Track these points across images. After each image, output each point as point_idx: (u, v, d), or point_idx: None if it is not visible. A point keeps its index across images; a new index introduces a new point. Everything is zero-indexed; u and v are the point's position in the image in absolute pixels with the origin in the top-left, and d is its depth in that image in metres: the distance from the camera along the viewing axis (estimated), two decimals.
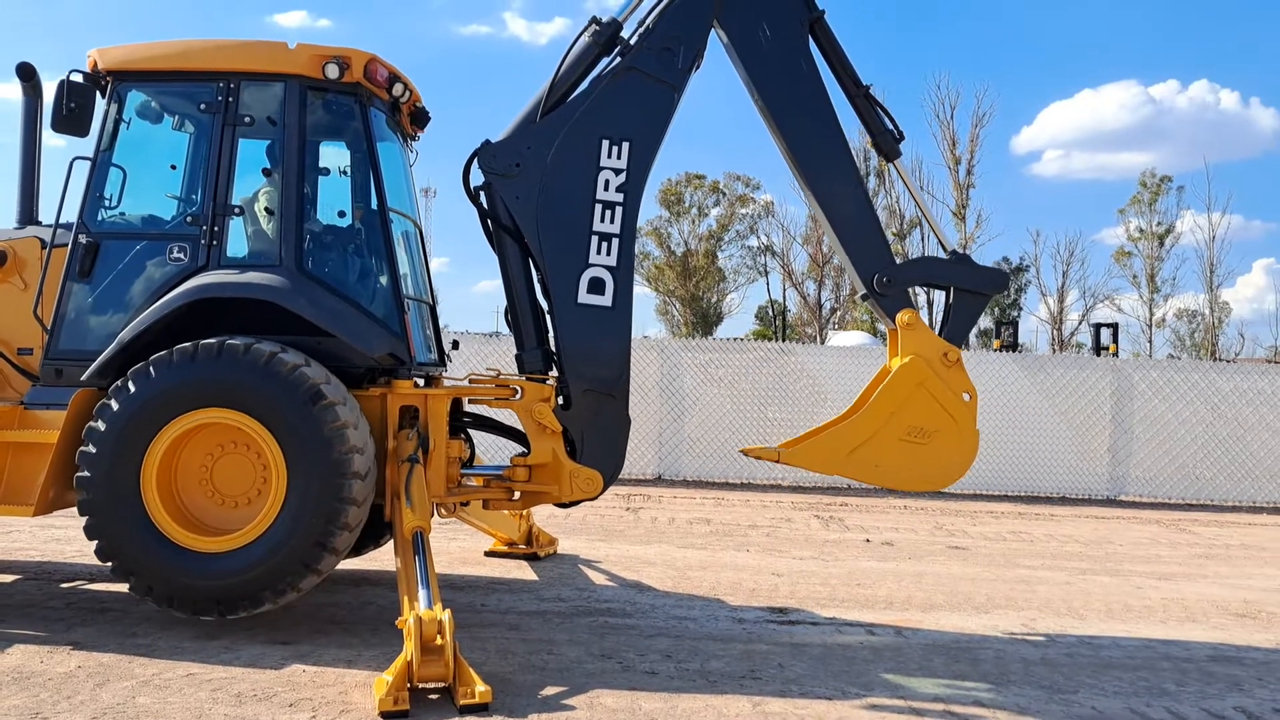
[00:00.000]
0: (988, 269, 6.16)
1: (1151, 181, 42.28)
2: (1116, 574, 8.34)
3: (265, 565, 5.05)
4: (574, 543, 8.60)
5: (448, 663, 4.36)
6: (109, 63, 5.70)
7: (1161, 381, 13.65)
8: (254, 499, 5.26)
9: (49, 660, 4.81)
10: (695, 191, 50.64)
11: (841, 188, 6.03)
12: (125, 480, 5.08)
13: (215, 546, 5.12)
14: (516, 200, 5.94)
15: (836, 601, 6.79)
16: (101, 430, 5.10)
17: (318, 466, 5.06)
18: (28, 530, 8.21)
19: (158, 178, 6.07)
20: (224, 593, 5.08)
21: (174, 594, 5.11)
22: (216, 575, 5.07)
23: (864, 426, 5.78)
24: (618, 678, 4.86)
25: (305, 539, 5.05)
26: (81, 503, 5.13)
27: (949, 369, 5.82)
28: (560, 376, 5.99)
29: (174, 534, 5.11)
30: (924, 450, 5.73)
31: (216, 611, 5.13)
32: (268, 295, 5.32)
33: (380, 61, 5.80)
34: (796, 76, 6.00)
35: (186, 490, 5.27)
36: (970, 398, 5.83)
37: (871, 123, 6.21)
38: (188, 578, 5.08)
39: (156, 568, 5.09)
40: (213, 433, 5.25)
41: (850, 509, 11.77)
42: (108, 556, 5.13)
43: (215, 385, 5.08)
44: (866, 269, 5.94)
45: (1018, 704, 4.76)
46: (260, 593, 5.08)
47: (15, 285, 5.93)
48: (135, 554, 5.10)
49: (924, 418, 5.74)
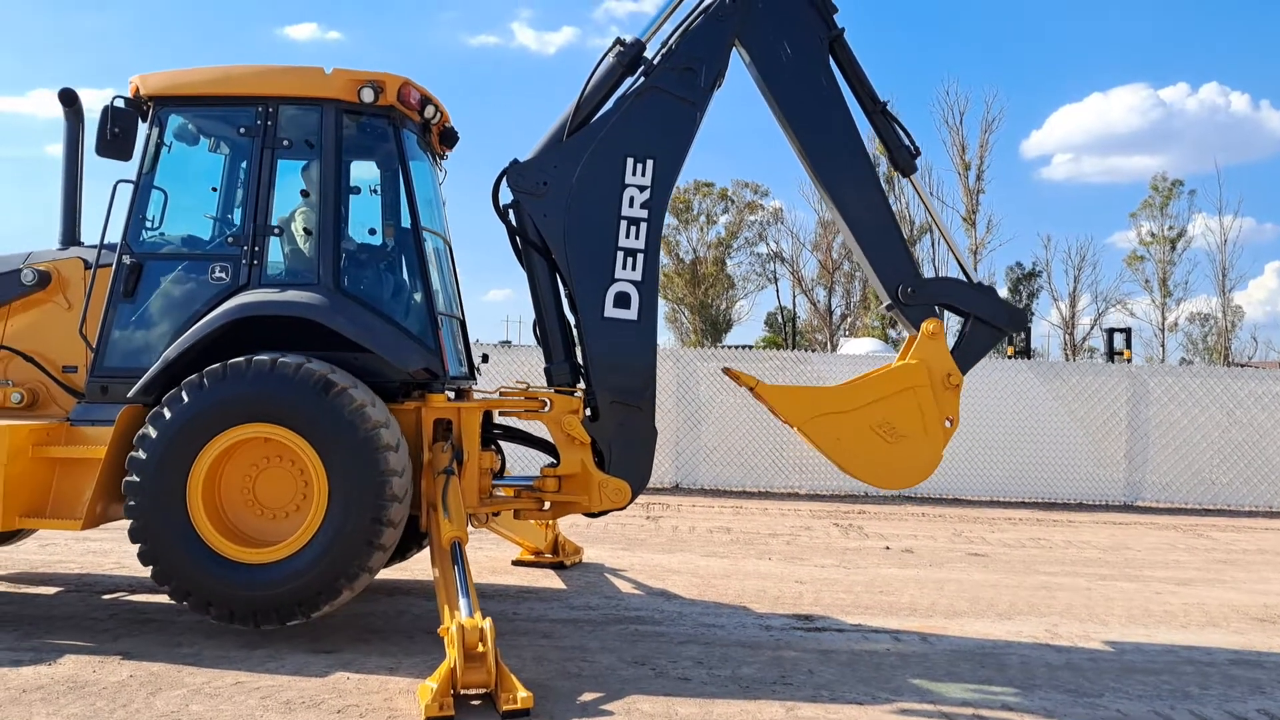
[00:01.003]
0: (1011, 306, 6.24)
1: (1163, 185, 42.24)
2: (1136, 579, 8.42)
3: (308, 575, 5.20)
4: (598, 551, 8.73)
5: (490, 669, 4.49)
6: (151, 88, 5.88)
7: (1177, 387, 13.71)
8: (294, 511, 5.41)
9: (101, 670, 4.96)
10: (704, 199, 50.79)
11: (864, 200, 6.16)
12: (172, 493, 5.24)
13: (259, 558, 5.27)
14: (544, 218, 6.09)
15: (860, 608, 6.89)
16: (149, 445, 5.26)
17: (358, 479, 5.21)
18: (64, 544, 8.39)
19: (197, 199, 6.25)
20: (269, 603, 5.23)
21: (219, 604, 5.26)
22: (261, 586, 5.22)
23: (844, 399, 5.87)
24: (652, 684, 4.98)
25: (347, 549, 5.20)
26: (129, 516, 5.29)
27: (946, 390, 5.91)
28: (588, 389, 6.13)
29: (219, 546, 5.26)
30: (887, 447, 5.81)
31: (261, 621, 5.28)
32: (308, 313, 5.48)
33: (413, 85, 5.98)
34: (818, 93, 6.13)
35: (230, 503, 5.43)
36: (952, 424, 5.90)
37: (888, 138, 6.33)
38: (233, 588, 5.23)
39: (202, 579, 5.24)
40: (254, 447, 5.40)
41: (868, 517, 11.87)
42: (154, 568, 5.29)
43: (261, 401, 5.24)
44: (891, 279, 6.06)
45: (1044, 708, 4.86)
46: (303, 602, 5.23)
47: (60, 305, 6.10)
48: (181, 565, 5.25)
49: (902, 419, 5.83)
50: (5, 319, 6.08)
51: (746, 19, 6.08)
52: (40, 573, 7.29)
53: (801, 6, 6.10)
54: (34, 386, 6.00)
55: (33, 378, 6.02)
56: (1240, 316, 41.90)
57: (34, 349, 6.04)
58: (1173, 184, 42.12)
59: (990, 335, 6.16)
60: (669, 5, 6.20)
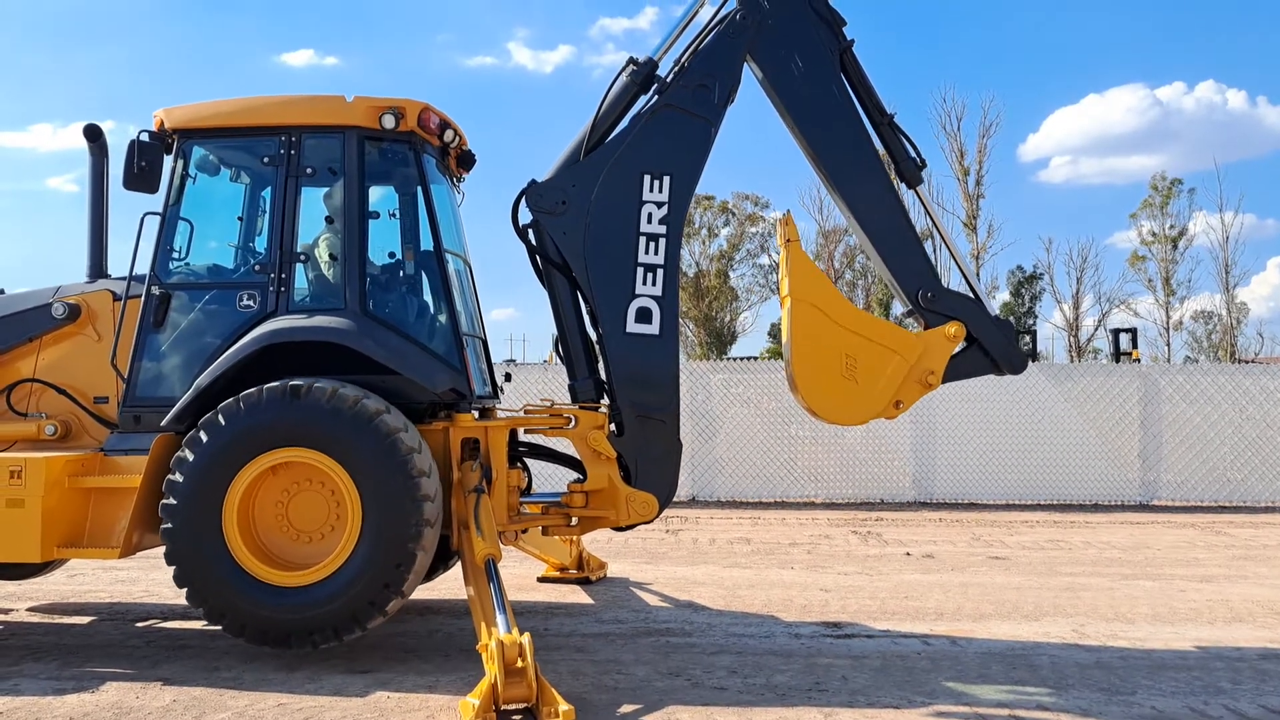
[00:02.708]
0: (1019, 350, 6.24)
1: (1162, 184, 42.32)
2: (1158, 578, 8.45)
3: (344, 597, 5.26)
4: (622, 566, 8.77)
5: (530, 684, 4.54)
6: (175, 121, 5.99)
7: (1189, 385, 13.76)
8: (328, 534, 5.47)
9: (144, 695, 5.02)
10: (705, 212, 50.97)
11: (882, 209, 6.23)
12: (208, 519, 5.31)
13: (295, 580, 5.33)
14: (564, 236, 6.18)
15: (888, 614, 6.93)
16: (184, 473, 5.34)
17: (391, 502, 5.28)
18: (92, 573, 8.45)
19: (222, 229, 6.35)
20: (305, 625, 5.29)
21: (257, 627, 5.33)
22: (297, 608, 5.28)
23: (845, 313, 5.92)
24: (689, 694, 5.03)
25: (381, 570, 5.26)
26: (167, 545, 5.35)
27: (918, 382, 5.98)
28: (612, 404, 6.21)
29: (255, 569, 5.33)
30: (835, 374, 5.87)
31: (299, 643, 5.34)
32: (337, 338, 5.57)
33: (433, 110, 6.08)
34: (831, 105, 6.22)
35: (264, 527, 5.49)
36: (899, 408, 5.98)
37: (895, 150, 6.40)
38: (270, 611, 5.30)
39: (240, 602, 5.31)
40: (287, 471, 5.47)
41: (886, 524, 11.90)
42: (192, 593, 5.35)
43: (295, 426, 5.32)
44: (912, 285, 6.14)
45: (1079, 706, 4.90)
46: (340, 624, 5.29)
47: (90, 337, 6.19)
48: (219, 590, 5.32)
49: (867, 368, 5.87)
50: (37, 352, 6.18)
51: (758, 34, 6.18)
52: (72, 602, 7.35)
53: (812, 21, 6.20)
54: (67, 418, 6.08)
55: (65, 409, 6.11)
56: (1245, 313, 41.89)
57: (66, 381, 6.13)
58: (1172, 183, 42.23)
59: (986, 367, 6.22)
60: (680, 24, 6.31)
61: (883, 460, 13.77)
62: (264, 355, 5.59)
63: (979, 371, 6.25)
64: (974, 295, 6.29)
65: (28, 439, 5.99)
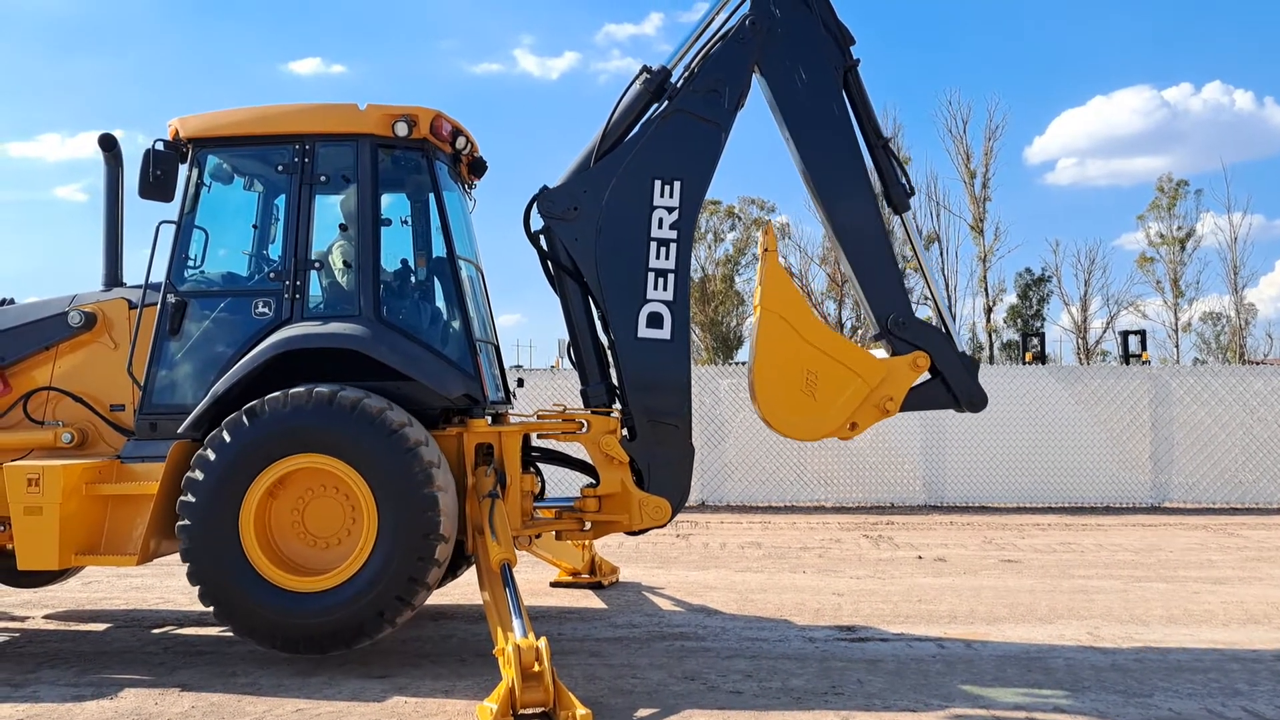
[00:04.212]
0: (980, 388, 6.22)
1: (1169, 186, 42.24)
2: (1171, 580, 8.42)
3: (360, 602, 5.28)
4: (633, 570, 8.78)
5: (547, 688, 4.55)
6: (190, 130, 6.04)
7: (1199, 387, 13.72)
8: (344, 539, 5.49)
9: (163, 701, 5.04)
10: (711, 217, 51.00)
11: (864, 228, 6.22)
12: (224, 525, 5.34)
13: (311, 586, 5.35)
14: (575, 242, 6.21)
15: (901, 618, 6.93)
16: (201, 479, 5.37)
17: (406, 506, 5.30)
18: (107, 580, 8.49)
19: (237, 237, 6.38)
20: (322, 630, 5.31)
21: (274, 633, 5.35)
22: (314, 614, 5.30)
23: (814, 330, 5.98)
24: (705, 698, 5.03)
25: (398, 575, 5.28)
26: (184, 550, 5.38)
27: (875, 406, 6.03)
28: (624, 409, 6.23)
29: (272, 575, 5.35)
30: (794, 389, 5.93)
31: (316, 648, 5.36)
32: (352, 344, 5.60)
33: (445, 117, 6.12)
34: (828, 120, 6.23)
35: (280, 533, 5.51)
36: (853, 429, 6.04)
37: (886, 174, 6.41)
38: (287, 617, 5.32)
39: (257, 608, 5.33)
40: (302, 477, 5.50)
41: (896, 527, 11.88)
42: (210, 600, 5.38)
43: (313, 432, 5.35)
44: (882, 309, 6.16)
45: (1096, 709, 4.90)
46: (357, 629, 5.31)
47: (105, 345, 6.23)
48: (236, 596, 5.34)
49: (827, 387, 5.93)
50: (53, 360, 6.21)
51: (767, 43, 6.21)
52: (87, 610, 7.39)
53: (820, 35, 6.22)
54: (83, 426, 6.11)
55: (82, 417, 6.14)
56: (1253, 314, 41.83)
57: (82, 389, 6.16)
58: (1179, 184, 42.16)
59: (947, 401, 6.23)
60: (694, 32, 6.33)
61: (893, 464, 13.76)
62: (279, 362, 5.62)
63: (938, 405, 6.27)
64: (944, 329, 6.29)
65: (45, 447, 6.03)
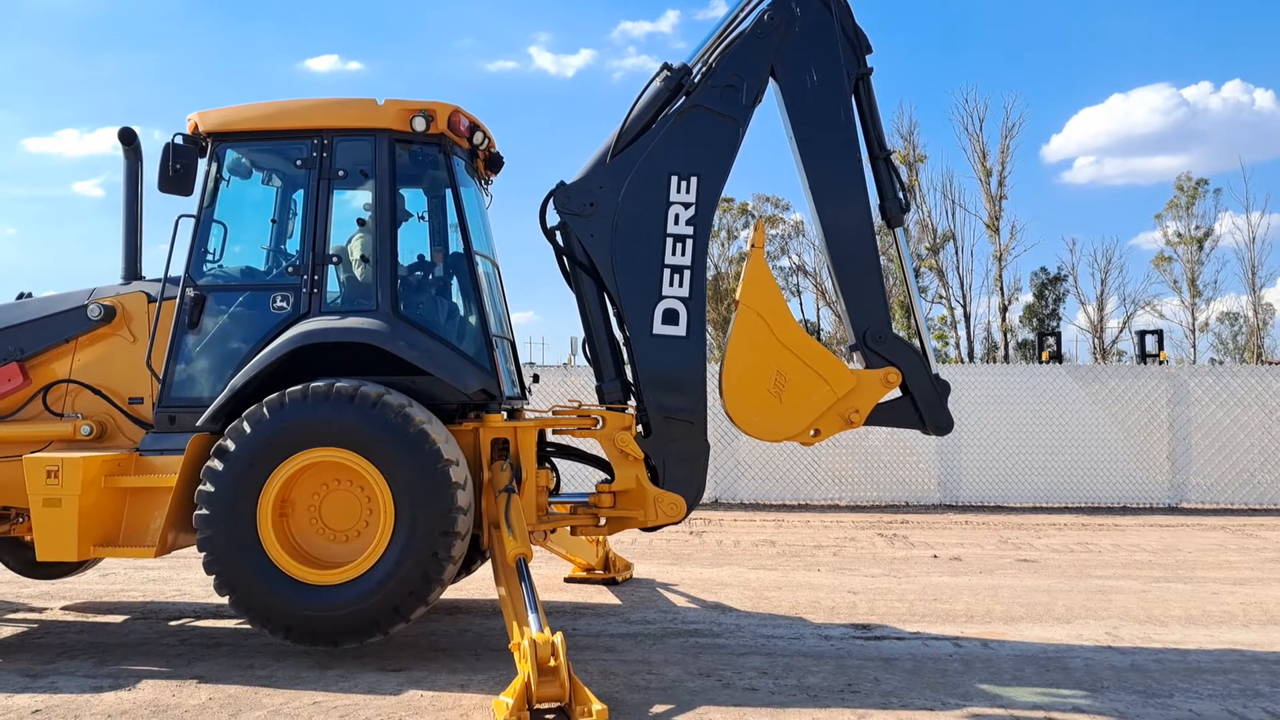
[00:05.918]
0: (946, 415, 6.22)
1: (1187, 185, 41.91)
2: (1190, 581, 8.36)
3: (377, 595, 5.29)
4: (647, 567, 8.77)
5: (563, 683, 4.55)
6: (209, 125, 6.06)
7: (1218, 387, 13.60)
8: (362, 531, 5.51)
9: (180, 693, 5.07)
10: (724, 214, 50.87)
11: (854, 237, 6.19)
12: (243, 518, 5.36)
13: (329, 579, 5.37)
14: (591, 238, 6.20)
15: (917, 616, 6.89)
16: (220, 469, 5.39)
17: (424, 500, 5.31)
18: (123, 573, 8.54)
19: (255, 231, 6.40)
20: (339, 623, 5.33)
21: (291, 626, 5.37)
22: (332, 607, 5.32)
23: (791, 334, 6.02)
24: (720, 694, 5.02)
25: (414, 569, 5.29)
26: (201, 541, 5.41)
27: (840, 416, 6.06)
28: (639, 405, 6.22)
29: (290, 568, 5.37)
30: (762, 389, 5.98)
31: (330, 641, 5.38)
32: (370, 339, 5.61)
33: (463, 112, 6.12)
34: (833, 124, 6.19)
35: (297, 526, 5.53)
36: (816, 436, 6.10)
37: (885, 187, 6.38)
38: (304, 610, 5.34)
39: (274, 601, 5.35)
40: (319, 471, 5.51)
41: (911, 526, 11.83)
42: (227, 591, 5.40)
43: (332, 427, 5.36)
44: (861, 321, 6.15)
45: (1116, 709, 4.86)
46: (374, 622, 5.33)
47: (125, 338, 6.27)
48: (254, 588, 5.36)
49: (795, 390, 5.98)
50: (73, 353, 6.25)
51: (783, 41, 6.18)
52: (105, 602, 7.44)
53: (836, 39, 6.18)
54: (102, 419, 6.15)
55: (100, 410, 6.18)
56: (1271, 314, 41.42)
57: (101, 382, 6.20)
58: (1197, 183, 41.82)
59: (913, 421, 6.23)
60: (717, 30, 6.30)
61: (908, 463, 13.69)
62: (297, 355, 5.64)
63: (903, 424, 6.27)
64: (921, 349, 6.26)
65: (64, 439, 6.07)
